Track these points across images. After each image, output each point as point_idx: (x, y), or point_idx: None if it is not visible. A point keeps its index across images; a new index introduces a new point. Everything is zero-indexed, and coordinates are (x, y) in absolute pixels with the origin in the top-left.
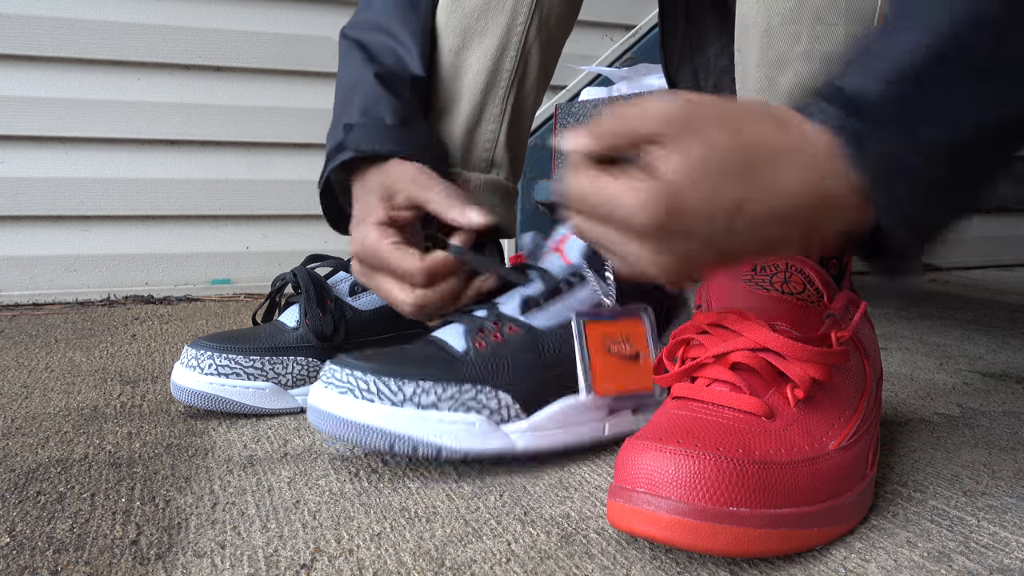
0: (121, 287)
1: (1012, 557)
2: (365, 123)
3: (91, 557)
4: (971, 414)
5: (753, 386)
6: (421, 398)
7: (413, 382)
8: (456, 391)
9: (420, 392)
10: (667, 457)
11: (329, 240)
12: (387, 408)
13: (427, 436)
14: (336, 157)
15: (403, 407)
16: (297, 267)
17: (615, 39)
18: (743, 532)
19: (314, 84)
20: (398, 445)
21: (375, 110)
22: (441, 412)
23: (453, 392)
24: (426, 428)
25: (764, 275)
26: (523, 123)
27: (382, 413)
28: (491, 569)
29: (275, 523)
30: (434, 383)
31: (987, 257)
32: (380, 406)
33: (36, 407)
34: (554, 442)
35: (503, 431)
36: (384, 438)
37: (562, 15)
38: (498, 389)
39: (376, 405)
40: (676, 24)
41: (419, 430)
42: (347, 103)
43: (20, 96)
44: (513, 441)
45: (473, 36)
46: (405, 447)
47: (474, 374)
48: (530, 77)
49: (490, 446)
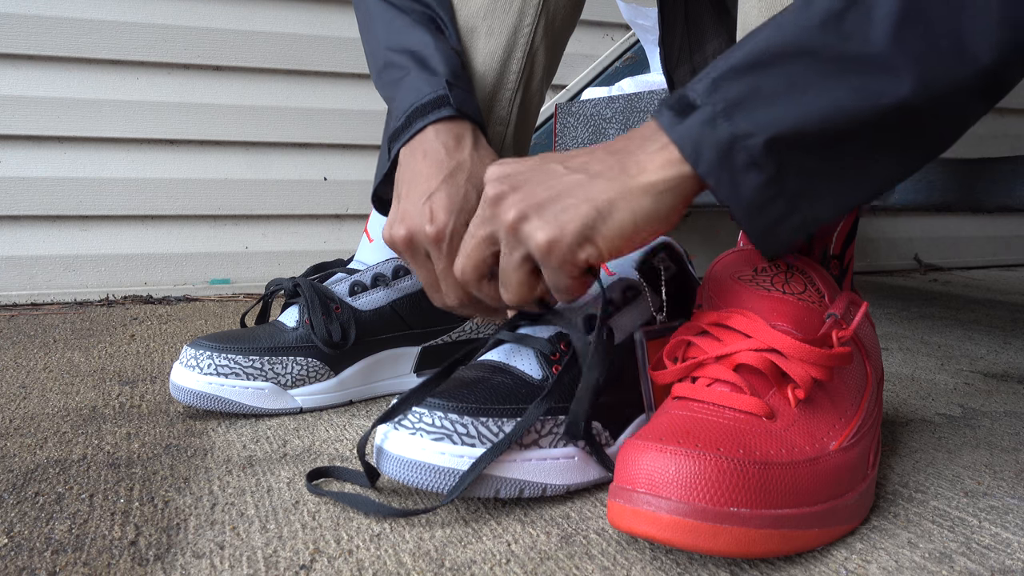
0: (120, 287)
1: (1014, 558)
2: (462, 87)
3: (89, 558)
4: (972, 414)
5: (754, 386)
6: (524, 436)
7: (512, 419)
8: (553, 424)
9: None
10: (668, 457)
11: (329, 240)
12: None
13: (535, 477)
14: (436, 110)
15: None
16: (299, 277)
17: (615, 38)
18: (744, 533)
19: (314, 84)
20: (504, 490)
21: (464, 79)
22: (544, 449)
23: (552, 426)
24: (533, 469)
25: (765, 275)
26: (528, 123)
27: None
28: (491, 569)
29: (274, 523)
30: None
31: (988, 257)
32: (484, 450)
33: (34, 407)
34: None
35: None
36: (491, 485)
37: (567, 15)
38: (592, 419)
39: (478, 450)
40: (675, 23)
41: (527, 473)
42: (421, 62)
43: (18, 95)
44: (608, 469)
45: (479, 36)
46: (511, 491)
47: (561, 403)
48: (536, 78)
49: (590, 477)
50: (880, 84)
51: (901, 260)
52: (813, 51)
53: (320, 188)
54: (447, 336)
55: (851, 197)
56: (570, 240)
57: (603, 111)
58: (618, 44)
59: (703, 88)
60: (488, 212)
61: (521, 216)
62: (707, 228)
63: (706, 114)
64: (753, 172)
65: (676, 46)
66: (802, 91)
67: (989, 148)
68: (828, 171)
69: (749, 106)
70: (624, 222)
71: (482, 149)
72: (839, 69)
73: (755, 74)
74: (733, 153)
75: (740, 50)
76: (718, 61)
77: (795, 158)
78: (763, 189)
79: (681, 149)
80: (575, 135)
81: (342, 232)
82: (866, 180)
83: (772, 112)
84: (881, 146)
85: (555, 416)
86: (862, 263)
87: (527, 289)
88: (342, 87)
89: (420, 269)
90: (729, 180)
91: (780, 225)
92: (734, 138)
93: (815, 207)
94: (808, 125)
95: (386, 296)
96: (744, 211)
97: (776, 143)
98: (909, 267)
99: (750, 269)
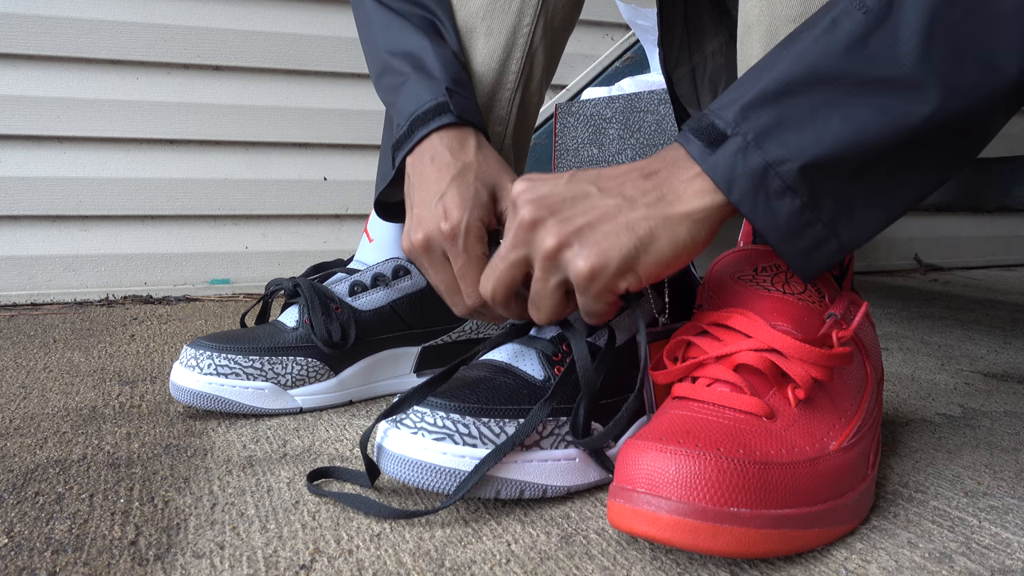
0: (120, 287)
1: (1014, 558)
2: (462, 93)
3: (89, 558)
4: (972, 414)
5: (754, 386)
6: (525, 438)
7: (514, 420)
8: (555, 426)
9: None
10: (668, 457)
11: (329, 240)
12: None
13: (536, 478)
14: (438, 118)
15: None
16: (299, 277)
17: (615, 38)
18: (744, 533)
19: (314, 84)
20: (505, 491)
21: (464, 84)
22: (545, 451)
23: (553, 428)
24: (534, 471)
25: (765, 275)
26: (528, 123)
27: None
28: (491, 569)
29: (274, 523)
30: (527, 416)
31: (988, 257)
32: (485, 451)
33: (34, 407)
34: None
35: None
36: (492, 486)
37: (566, 15)
38: (591, 419)
39: (480, 451)
40: (674, 23)
41: (528, 474)
42: (420, 67)
43: (18, 95)
44: (608, 471)
45: (478, 37)
46: (512, 492)
47: (563, 404)
48: (535, 78)
49: (591, 478)
50: (908, 104)
51: (901, 260)
52: (840, 76)
53: (320, 188)
54: (447, 336)
55: (884, 215)
56: (613, 271)
57: (603, 111)
58: (618, 44)
59: (732, 117)
60: (523, 235)
61: (562, 243)
62: None
63: (737, 144)
64: (788, 197)
65: (675, 46)
66: (833, 116)
67: (989, 148)
68: (862, 192)
69: (780, 133)
70: (664, 252)
71: (486, 149)
72: (867, 92)
73: (784, 102)
74: (767, 181)
75: (767, 74)
76: (744, 84)
77: (829, 182)
78: (799, 215)
79: (715, 179)
80: (575, 135)
81: (342, 232)
82: (898, 197)
83: (803, 138)
84: (913, 164)
85: (556, 417)
86: (862, 263)
87: (559, 312)
88: (342, 87)
89: (439, 274)
90: (765, 207)
91: (817, 249)
92: (767, 166)
93: (852, 229)
94: (840, 149)
95: (386, 296)
96: (781, 237)
97: (810, 169)
98: (909, 267)
99: (750, 269)
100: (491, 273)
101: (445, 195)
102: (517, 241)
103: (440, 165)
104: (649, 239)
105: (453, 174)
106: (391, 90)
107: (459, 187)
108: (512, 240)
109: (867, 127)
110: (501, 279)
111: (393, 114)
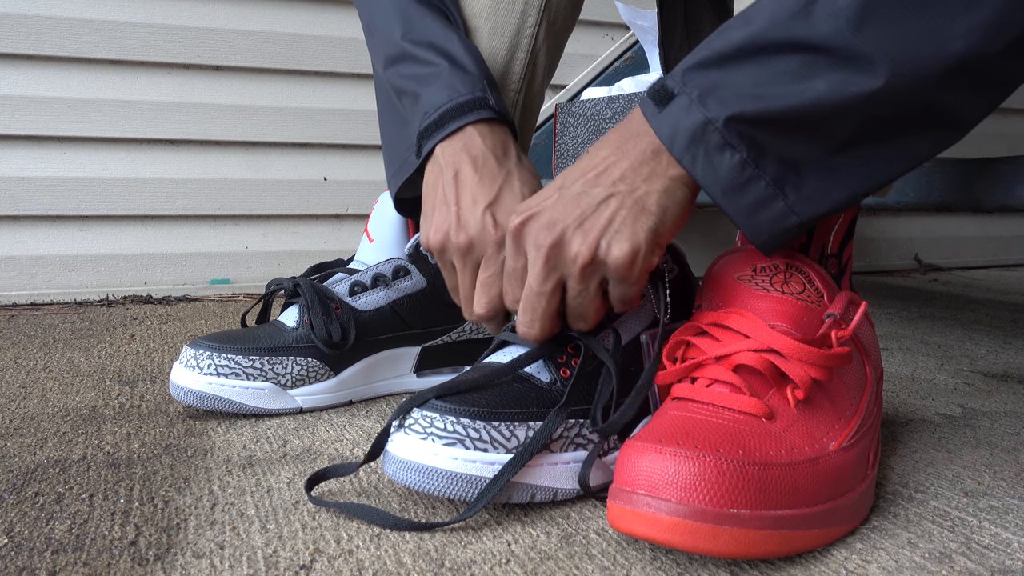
0: (120, 287)
1: (1014, 558)
2: (495, 91)
3: (89, 558)
4: (972, 414)
5: (753, 387)
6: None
7: (524, 424)
8: (564, 429)
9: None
10: (667, 459)
11: (329, 240)
12: (505, 458)
13: (546, 482)
14: (475, 112)
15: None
16: (299, 277)
17: (615, 38)
18: (744, 534)
19: (314, 84)
20: (516, 496)
21: (494, 83)
22: (555, 454)
23: (562, 431)
24: (545, 474)
25: (764, 275)
26: (530, 124)
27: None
28: (491, 569)
29: (274, 524)
30: (544, 422)
31: (988, 257)
32: (496, 455)
33: (34, 407)
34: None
35: (606, 463)
36: (503, 492)
37: (567, 16)
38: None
39: (491, 455)
40: (674, 24)
41: (539, 478)
42: (452, 59)
43: (18, 95)
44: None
45: (482, 36)
46: (523, 496)
47: (571, 407)
48: (538, 79)
49: (598, 481)
50: (848, 74)
51: (901, 260)
52: (784, 41)
53: (320, 188)
54: (447, 336)
55: (846, 192)
56: (646, 248)
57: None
58: (618, 44)
59: (680, 77)
60: (551, 262)
61: (593, 249)
62: (706, 228)
63: (683, 102)
64: (728, 152)
65: (675, 46)
66: (773, 78)
67: (989, 148)
68: (813, 161)
69: (722, 92)
70: (675, 215)
71: (524, 159)
72: (809, 59)
73: (729, 64)
74: (706, 135)
75: (717, 40)
76: (699, 49)
77: (768, 141)
78: (739, 169)
79: (659, 135)
80: (575, 135)
81: (342, 232)
82: (859, 176)
83: (740, 96)
84: (868, 140)
85: (565, 421)
86: (862, 263)
87: (601, 314)
88: (342, 87)
89: (465, 276)
90: (705, 160)
91: (763, 210)
92: (707, 121)
93: (802, 197)
94: (773, 109)
95: (386, 296)
96: (723, 192)
97: (736, 121)
98: (909, 267)
99: (749, 269)
100: (528, 312)
101: (495, 204)
102: (544, 271)
103: (486, 169)
104: (662, 208)
105: (500, 181)
106: (412, 78)
107: (510, 197)
108: (540, 272)
109: (804, 91)
110: (546, 310)
111: (409, 103)
